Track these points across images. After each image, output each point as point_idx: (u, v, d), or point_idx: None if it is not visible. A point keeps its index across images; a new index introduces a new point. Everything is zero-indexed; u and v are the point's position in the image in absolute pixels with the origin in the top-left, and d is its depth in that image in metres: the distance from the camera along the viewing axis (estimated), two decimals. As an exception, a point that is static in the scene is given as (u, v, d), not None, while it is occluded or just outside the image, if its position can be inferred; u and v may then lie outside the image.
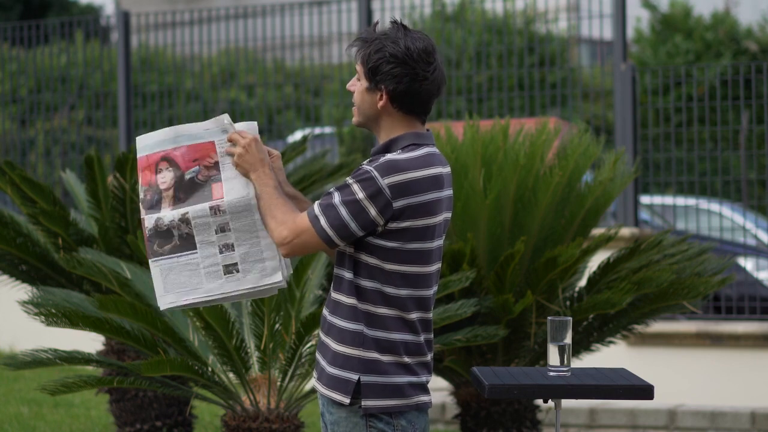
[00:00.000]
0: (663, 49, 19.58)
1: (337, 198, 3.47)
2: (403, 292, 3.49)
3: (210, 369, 6.14)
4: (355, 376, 3.48)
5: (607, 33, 11.38)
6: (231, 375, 6.23)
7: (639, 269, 6.77)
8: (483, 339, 6.38)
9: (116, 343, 7.63)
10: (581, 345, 6.85)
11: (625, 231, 10.07)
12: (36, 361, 6.09)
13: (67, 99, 13.53)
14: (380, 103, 3.62)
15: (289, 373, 6.16)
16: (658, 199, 11.84)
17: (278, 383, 6.19)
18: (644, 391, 3.89)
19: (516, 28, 12.23)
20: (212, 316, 5.85)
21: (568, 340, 4.00)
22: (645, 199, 11.64)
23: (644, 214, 11.96)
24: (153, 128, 13.16)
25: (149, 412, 7.65)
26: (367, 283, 3.49)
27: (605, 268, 6.77)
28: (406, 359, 3.49)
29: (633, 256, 6.74)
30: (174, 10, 13.01)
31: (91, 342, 8.04)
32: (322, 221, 3.46)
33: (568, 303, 6.78)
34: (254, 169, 3.54)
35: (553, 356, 4.02)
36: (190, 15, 12.91)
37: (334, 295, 3.55)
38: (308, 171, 7.70)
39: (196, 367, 5.99)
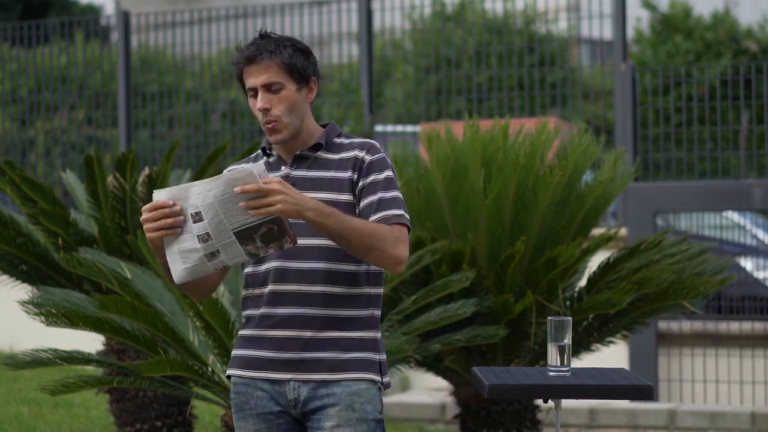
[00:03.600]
0: (663, 49, 19.58)
1: (397, 192, 3.63)
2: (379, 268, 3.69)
3: (210, 369, 6.13)
4: (377, 357, 3.65)
5: (607, 33, 11.39)
6: (231, 375, 6.22)
7: (639, 269, 6.77)
8: (483, 339, 6.38)
9: (116, 343, 7.63)
10: (581, 345, 6.85)
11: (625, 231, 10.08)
12: (36, 361, 6.09)
13: (67, 99, 13.53)
14: (310, 96, 3.70)
15: (289, 373, 6.15)
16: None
17: (278, 383, 6.18)
18: (644, 391, 3.89)
19: (516, 28, 12.23)
20: (212, 316, 5.85)
21: (568, 340, 4.00)
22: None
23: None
24: (153, 128, 13.17)
25: (149, 412, 7.65)
26: (374, 268, 3.65)
27: (605, 268, 6.77)
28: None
29: (633, 256, 6.74)
30: (174, 10, 13.01)
31: (91, 342, 8.04)
32: (406, 219, 3.62)
33: (568, 303, 6.78)
34: (306, 207, 3.44)
35: (553, 356, 4.02)
36: (190, 15, 12.91)
37: (336, 289, 3.60)
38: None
39: (196, 367, 5.99)
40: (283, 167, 3.68)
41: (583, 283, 7.04)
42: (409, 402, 9.34)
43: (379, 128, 12.30)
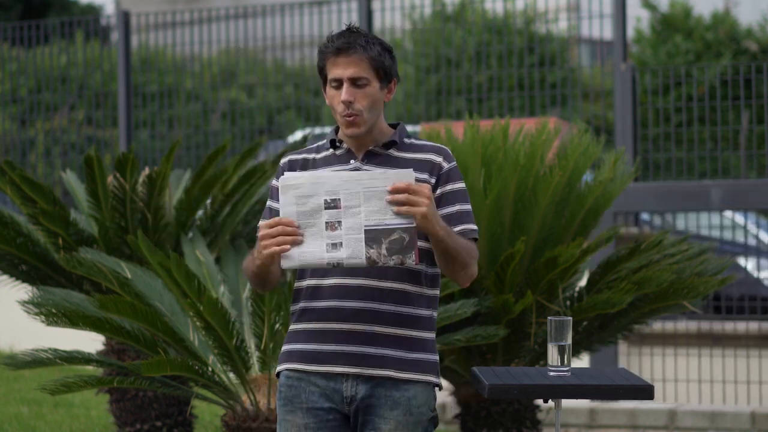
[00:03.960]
0: (663, 49, 19.58)
1: (470, 204, 3.73)
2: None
3: (210, 369, 6.13)
4: (436, 357, 3.71)
5: (607, 33, 11.38)
6: (231, 375, 6.23)
7: (639, 269, 6.77)
8: (483, 339, 6.37)
9: (116, 343, 7.63)
10: (581, 345, 6.85)
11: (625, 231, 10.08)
12: (36, 361, 6.09)
13: (67, 99, 13.53)
14: (389, 96, 3.74)
15: (289, 373, 6.15)
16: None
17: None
18: (644, 391, 3.89)
19: (516, 28, 12.23)
20: (212, 316, 5.85)
21: (568, 340, 4.00)
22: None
23: (644, 215, 11.96)
24: (153, 128, 13.16)
25: (149, 412, 7.65)
26: (435, 270, 3.70)
27: (605, 268, 6.77)
28: None
29: (633, 256, 6.74)
30: (174, 10, 13.01)
31: (91, 342, 8.04)
32: (477, 234, 3.71)
33: (568, 303, 6.78)
34: (440, 221, 3.50)
35: (553, 356, 4.01)
36: (190, 15, 12.91)
37: (405, 286, 3.65)
38: (308, 171, 7.69)
39: (196, 367, 5.99)
40: (352, 161, 3.71)
41: (583, 283, 7.04)
42: (409, 402, 9.33)
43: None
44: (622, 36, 10.88)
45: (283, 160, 3.77)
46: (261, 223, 3.55)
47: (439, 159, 3.70)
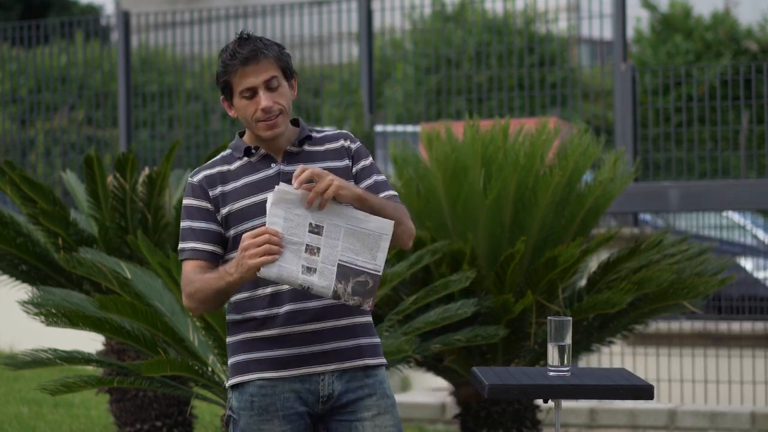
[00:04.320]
0: (663, 49, 19.58)
1: (383, 176, 3.81)
2: None
3: (210, 369, 6.13)
4: (378, 340, 3.78)
5: (607, 33, 11.38)
6: (231, 375, 6.22)
7: (639, 269, 6.77)
8: (483, 339, 6.37)
9: (116, 343, 7.63)
10: (581, 345, 6.85)
11: (626, 231, 10.08)
12: (36, 361, 6.08)
13: (67, 99, 13.53)
14: (294, 93, 3.79)
15: (289, 373, 6.15)
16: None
17: (278, 383, 6.18)
18: (644, 391, 3.89)
19: (516, 28, 12.23)
20: (212, 316, 5.84)
21: (568, 340, 4.00)
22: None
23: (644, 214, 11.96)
24: (153, 128, 13.16)
25: (149, 412, 7.64)
26: None
27: (605, 268, 6.77)
28: None
29: (633, 256, 6.74)
30: (174, 10, 13.01)
31: (91, 342, 8.04)
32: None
33: (568, 303, 6.78)
34: (353, 186, 3.59)
35: (553, 356, 4.01)
36: (190, 15, 12.91)
37: None
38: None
39: (196, 367, 5.99)
40: (272, 165, 3.71)
41: (583, 283, 7.04)
42: (409, 402, 9.34)
43: (379, 128, 12.30)
44: (622, 36, 10.88)
45: (197, 177, 3.71)
46: (245, 234, 3.50)
47: (347, 143, 3.78)
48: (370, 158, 3.80)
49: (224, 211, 3.67)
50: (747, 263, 11.18)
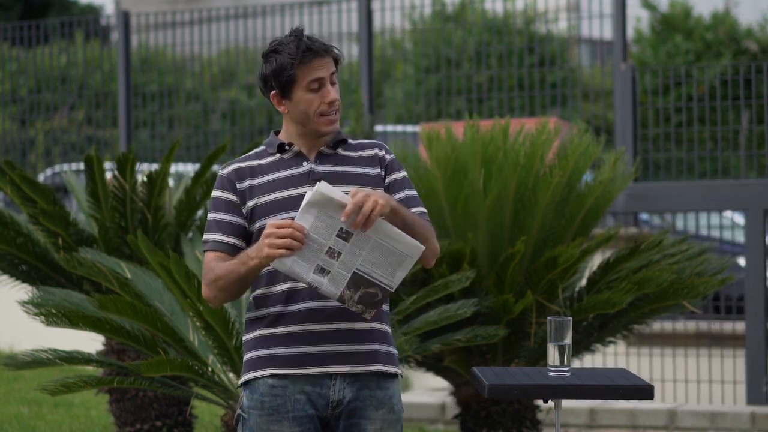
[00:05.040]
0: (663, 49, 19.58)
1: (416, 190, 3.84)
2: None
3: (210, 369, 6.13)
4: (394, 350, 3.77)
5: (607, 33, 11.38)
6: (231, 375, 6.23)
7: (639, 269, 6.77)
8: (483, 339, 6.37)
9: (116, 343, 7.63)
10: (581, 345, 6.85)
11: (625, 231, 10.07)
12: (36, 361, 6.08)
13: (67, 99, 13.53)
14: None
15: (289, 373, 6.15)
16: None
17: (278, 383, 6.18)
18: (644, 391, 3.88)
19: (516, 28, 12.23)
20: (212, 316, 5.85)
21: (568, 340, 4.00)
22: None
23: (644, 214, 11.96)
24: (153, 128, 13.17)
25: (149, 412, 7.64)
26: None
27: (605, 268, 6.77)
28: None
29: (633, 256, 6.74)
30: (174, 10, 13.01)
31: (91, 342, 8.04)
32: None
33: (568, 303, 6.78)
34: (391, 199, 3.60)
35: (553, 356, 4.01)
36: (190, 15, 12.91)
37: None
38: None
39: (196, 367, 5.99)
40: (304, 163, 3.72)
41: (583, 283, 7.04)
42: (409, 402, 9.34)
43: (379, 128, 12.30)
44: (622, 36, 10.88)
45: (227, 170, 3.73)
46: (269, 221, 3.52)
47: (381, 153, 3.78)
48: (404, 172, 3.80)
49: (250, 204, 3.68)
50: (747, 263, 11.16)
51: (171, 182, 7.91)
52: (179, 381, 6.74)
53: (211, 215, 3.72)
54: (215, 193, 3.74)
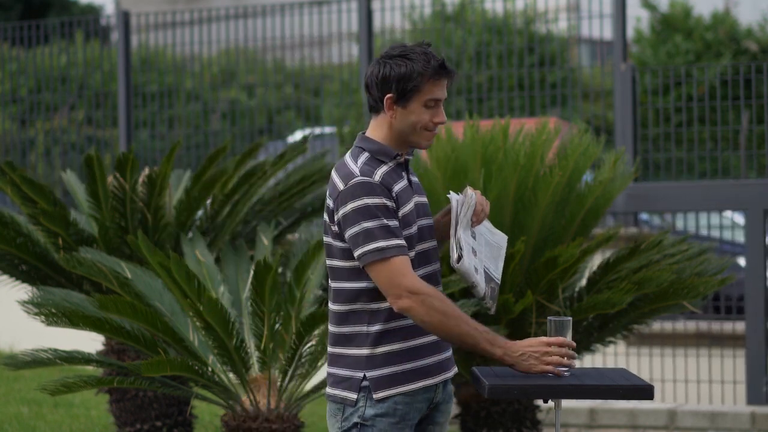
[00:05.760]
0: (663, 49, 19.57)
1: None
2: None
3: (210, 369, 6.13)
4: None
5: (607, 33, 11.38)
6: (231, 375, 6.23)
7: (639, 269, 6.77)
8: (483, 339, 6.36)
9: (116, 343, 7.63)
10: (581, 345, 6.85)
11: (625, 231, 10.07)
12: (36, 361, 6.09)
13: (67, 99, 13.53)
14: None
15: (289, 373, 6.16)
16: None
17: (278, 383, 6.19)
18: (644, 391, 3.88)
19: (516, 28, 12.23)
20: (212, 316, 5.84)
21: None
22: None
23: (644, 214, 11.96)
24: (153, 128, 13.16)
25: (149, 412, 7.64)
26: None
27: (605, 268, 6.77)
28: None
29: (633, 256, 6.74)
30: (174, 10, 13.01)
31: (91, 342, 8.04)
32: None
33: (568, 303, 6.78)
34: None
35: (553, 356, 4.00)
36: (190, 15, 12.91)
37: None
38: (308, 171, 7.70)
39: (196, 367, 5.99)
40: (402, 173, 3.77)
41: (583, 283, 7.04)
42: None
43: (379, 128, 12.26)
44: (622, 36, 10.87)
45: (376, 176, 3.66)
46: (548, 338, 3.73)
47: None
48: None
49: (400, 212, 3.69)
50: (747, 263, 11.16)
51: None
52: (179, 381, 6.74)
53: (374, 222, 3.61)
54: (371, 200, 3.62)
